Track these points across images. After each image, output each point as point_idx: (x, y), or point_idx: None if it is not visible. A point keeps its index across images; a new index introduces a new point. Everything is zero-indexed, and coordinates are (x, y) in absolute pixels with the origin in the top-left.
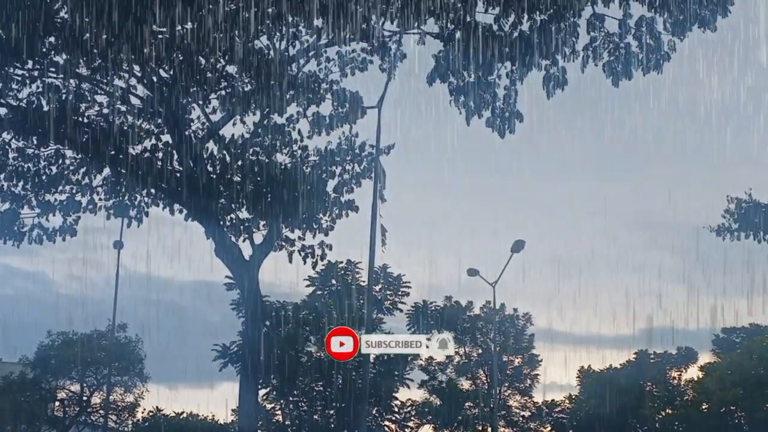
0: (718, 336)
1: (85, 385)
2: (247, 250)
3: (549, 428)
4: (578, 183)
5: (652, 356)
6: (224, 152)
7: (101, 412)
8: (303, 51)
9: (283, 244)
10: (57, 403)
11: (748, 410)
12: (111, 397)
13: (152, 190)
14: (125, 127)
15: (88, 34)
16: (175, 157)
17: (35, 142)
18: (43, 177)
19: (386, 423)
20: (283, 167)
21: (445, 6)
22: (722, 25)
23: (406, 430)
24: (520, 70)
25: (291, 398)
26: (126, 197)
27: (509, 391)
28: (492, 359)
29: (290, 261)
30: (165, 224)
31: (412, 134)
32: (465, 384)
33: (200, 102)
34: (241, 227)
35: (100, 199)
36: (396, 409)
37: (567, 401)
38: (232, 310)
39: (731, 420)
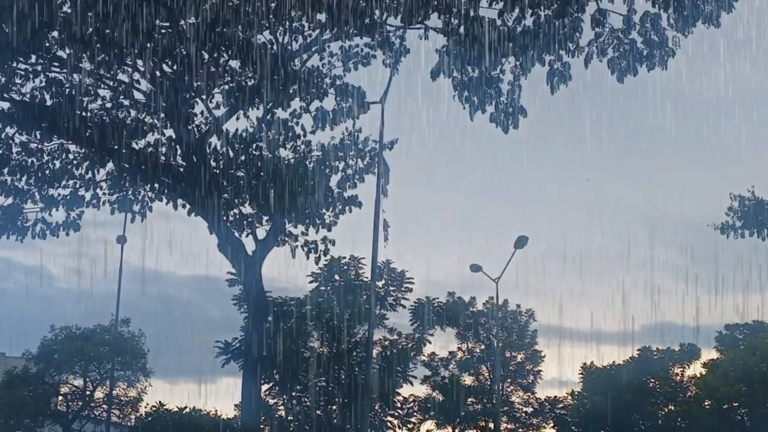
0: (721, 333)
1: (88, 379)
2: (250, 245)
3: (551, 424)
4: (582, 179)
5: (654, 353)
6: (227, 147)
7: (104, 406)
8: (306, 45)
9: (286, 239)
10: (60, 398)
11: (751, 406)
12: (114, 391)
13: (155, 185)
14: (129, 122)
15: (91, 29)
16: (179, 151)
17: (39, 136)
18: (47, 171)
19: (389, 418)
20: (286, 162)
21: (449, 1)
22: (726, 21)
23: (408, 425)
24: (524, 66)
25: (294, 393)
26: (129, 192)
27: (512, 387)
28: (494, 355)
29: (293, 256)
30: (168, 219)
31: (415, 129)
32: (468, 380)
33: (203, 96)
34: (244, 222)
35: (104, 194)
36: (399, 405)
37: (569, 397)
38: (235, 305)
39: (734, 416)
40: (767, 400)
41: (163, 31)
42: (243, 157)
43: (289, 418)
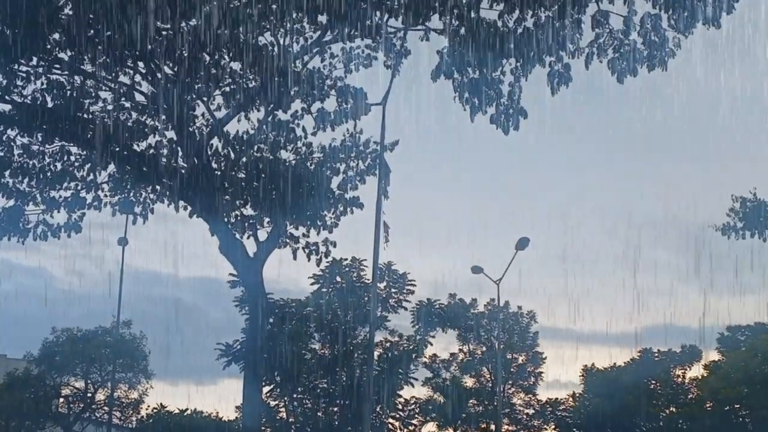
0: (723, 334)
1: (89, 381)
2: (251, 247)
3: (552, 426)
4: (583, 180)
5: (656, 354)
6: (229, 149)
7: (105, 408)
8: (307, 47)
9: (288, 241)
10: (61, 400)
11: (752, 408)
12: (115, 393)
13: (157, 187)
14: (130, 124)
15: (92, 31)
16: (180, 153)
17: (40, 138)
18: (48, 173)
19: (390, 420)
20: (287, 164)
21: (449, 2)
22: (727, 22)
23: (410, 427)
24: (525, 67)
25: (295, 395)
26: (131, 194)
27: (513, 389)
28: (496, 357)
29: (294, 258)
30: (169, 221)
31: (416, 131)
32: (469, 381)
33: (204, 98)
34: (246, 224)
35: (105, 196)
36: (400, 407)
37: (570, 399)
38: (236, 306)
39: (735, 418)
40: None
41: (164, 32)
42: (244, 159)
43: (291, 420)
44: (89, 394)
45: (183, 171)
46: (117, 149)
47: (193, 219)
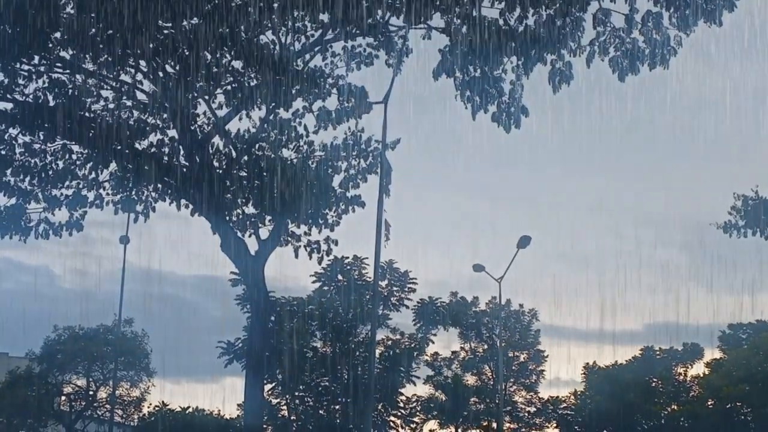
0: (724, 332)
1: (91, 379)
2: (253, 245)
3: (554, 424)
4: (584, 178)
5: (657, 352)
6: (230, 147)
7: (107, 406)
8: (309, 46)
9: (289, 239)
10: (63, 398)
11: (754, 406)
12: (117, 391)
13: (159, 185)
14: (131, 122)
15: (94, 30)
16: (182, 152)
17: (42, 137)
18: (50, 172)
19: (392, 418)
20: (288, 162)
21: (451, 1)
22: (728, 20)
23: (411, 425)
24: (526, 65)
25: (297, 393)
26: (133, 192)
27: (515, 387)
28: (497, 355)
29: (296, 256)
30: (171, 219)
31: (418, 129)
32: (470, 380)
33: (206, 97)
34: (247, 222)
35: (107, 194)
36: (402, 405)
37: (572, 397)
38: (238, 305)
39: (737, 416)
40: None
41: (165, 31)
42: (246, 158)
43: (292, 417)
44: (91, 392)
45: (184, 169)
46: (119, 148)
47: (195, 217)
